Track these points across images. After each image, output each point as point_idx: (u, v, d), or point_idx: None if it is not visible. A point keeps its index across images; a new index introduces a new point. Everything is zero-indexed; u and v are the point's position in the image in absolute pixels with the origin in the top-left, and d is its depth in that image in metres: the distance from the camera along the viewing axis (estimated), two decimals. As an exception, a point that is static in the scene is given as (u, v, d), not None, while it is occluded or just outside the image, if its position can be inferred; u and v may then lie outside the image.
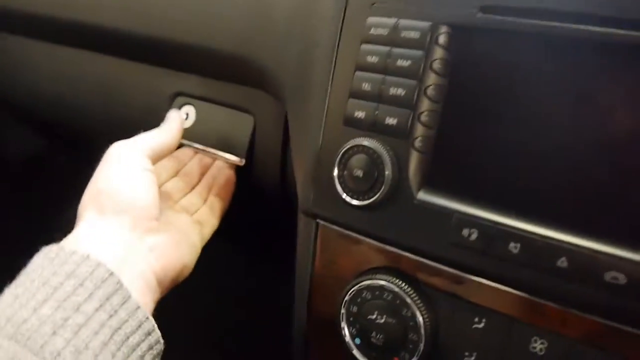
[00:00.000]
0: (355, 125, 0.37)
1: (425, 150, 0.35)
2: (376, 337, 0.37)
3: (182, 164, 0.53)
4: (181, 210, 0.47)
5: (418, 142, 0.35)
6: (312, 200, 0.39)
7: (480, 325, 0.35)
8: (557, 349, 0.32)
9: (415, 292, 0.36)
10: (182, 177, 0.51)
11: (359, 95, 0.37)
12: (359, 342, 0.38)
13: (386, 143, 0.36)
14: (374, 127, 0.36)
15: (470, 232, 0.33)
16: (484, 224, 0.33)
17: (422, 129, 0.35)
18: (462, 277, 0.35)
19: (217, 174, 0.53)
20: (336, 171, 0.37)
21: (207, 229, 0.48)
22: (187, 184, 0.51)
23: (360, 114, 0.37)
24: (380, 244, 0.37)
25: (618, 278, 0.30)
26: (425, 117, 0.35)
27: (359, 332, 0.38)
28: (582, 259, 0.30)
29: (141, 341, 0.35)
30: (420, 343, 0.35)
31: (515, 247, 0.32)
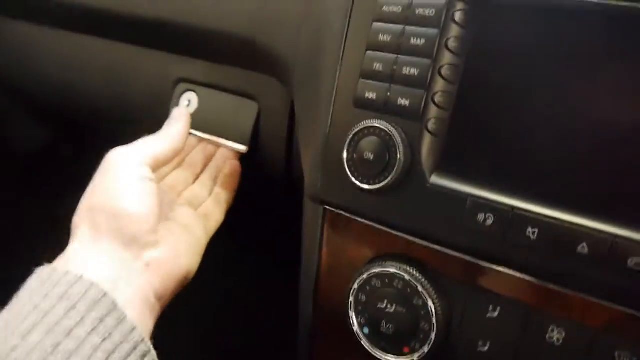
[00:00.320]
0: (366, 106, 0.36)
1: (439, 132, 0.34)
2: (386, 327, 0.35)
3: (185, 153, 0.51)
4: (185, 204, 0.46)
5: (431, 124, 0.34)
6: (320, 186, 0.38)
7: (494, 314, 0.33)
8: (575, 339, 0.31)
9: (427, 279, 0.34)
10: (186, 167, 0.50)
11: (370, 76, 0.36)
12: (368, 332, 0.37)
13: (398, 125, 0.35)
14: (386, 109, 0.35)
15: (486, 217, 0.32)
16: (500, 208, 0.32)
17: (435, 111, 0.34)
18: (476, 264, 0.33)
19: (222, 164, 0.52)
20: (346, 154, 0.36)
21: (212, 222, 0.46)
22: (191, 175, 0.49)
23: (371, 95, 0.36)
24: (390, 230, 0.36)
25: (641, 264, 0.28)
26: (440, 98, 0.34)
27: (368, 322, 0.36)
28: (603, 244, 0.29)
29: None
30: (432, 332, 0.34)
31: (533, 233, 0.31)
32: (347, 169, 0.36)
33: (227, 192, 0.49)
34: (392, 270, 0.35)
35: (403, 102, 0.35)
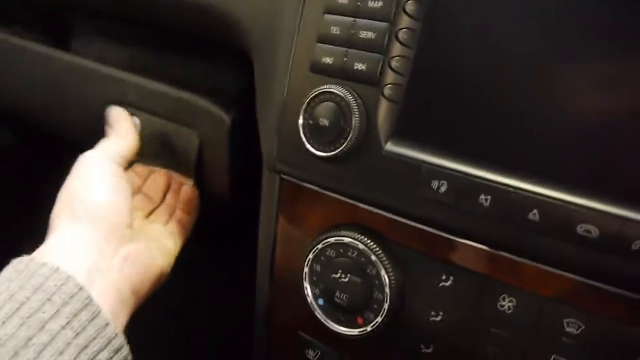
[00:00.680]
0: (323, 71, 0.35)
1: (396, 98, 0.33)
2: (340, 297, 0.35)
3: (143, 179, 0.50)
4: (153, 221, 0.46)
5: (388, 90, 0.33)
6: (276, 153, 0.37)
7: (447, 283, 0.33)
8: (526, 307, 0.31)
9: (380, 249, 0.34)
10: (145, 195, 0.49)
11: (328, 40, 0.35)
12: (322, 303, 0.36)
13: (355, 90, 0.34)
14: (343, 74, 0.34)
15: (440, 184, 0.32)
16: (453, 174, 0.31)
17: (392, 76, 0.33)
18: (430, 233, 0.33)
19: (178, 191, 0.51)
20: (301, 120, 0.35)
21: (179, 238, 0.47)
22: (151, 202, 0.49)
23: (328, 60, 0.35)
24: (345, 198, 0.35)
25: (590, 231, 0.28)
26: (397, 63, 0.33)
27: (323, 292, 0.36)
28: (554, 211, 0.29)
29: (109, 358, 0.33)
30: (385, 302, 0.34)
31: (485, 200, 0.30)
32: (303, 136, 0.35)
33: (188, 214, 0.49)
34: (347, 239, 0.34)
35: (360, 66, 0.34)
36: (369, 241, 0.34)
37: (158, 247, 0.42)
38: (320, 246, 0.35)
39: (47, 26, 0.76)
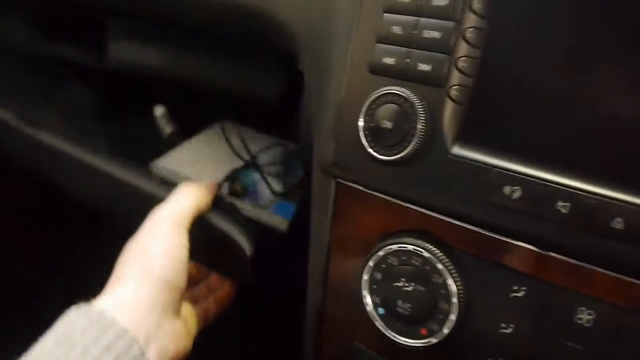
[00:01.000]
0: (383, 72, 0.34)
1: (462, 100, 0.32)
2: (402, 307, 0.33)
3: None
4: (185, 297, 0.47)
5: (454, 91, 0.32)
6: (333, 156, 0.36)
7: (519, 294, 0.31)
8: (605, 320, 0.29)
9: (447, 257, 0.32)
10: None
11: (388, 40, 0.33)
12: (383, 312, 0.35)
13: (418, 92, 0.32)
14: (405, 75, 0.33)
15: (513, 190, 0.30)
16: (528, 179, 0.30)
17: (459, 77, 0.32)
18: (500, 241, 0.31)
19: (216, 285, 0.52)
20: (362, 122, 0.34)
21: (199, 325, 0.46)
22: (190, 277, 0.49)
23: (389, 61, 0.33)
24: (408, 204, 0.34)
25: (682, 240, 0.26)
26: (463, 64, 0.32)
27: (383, 302, 0.34)
28: (641, 218, 0.27)
29: None
30: (451, 313, 0.32)
31: (564, 207, 0.29)
32: (363, 139, 0.34)
33: (216, 308, 0.50)
34: (410, 247, 0.33)
35: (424, 67, 0.32)
36: (434, 249, 0.32)
37: (186, 328, 0.42)
38: (381, 253, 0.34)
39: (83, 32, 0.77)
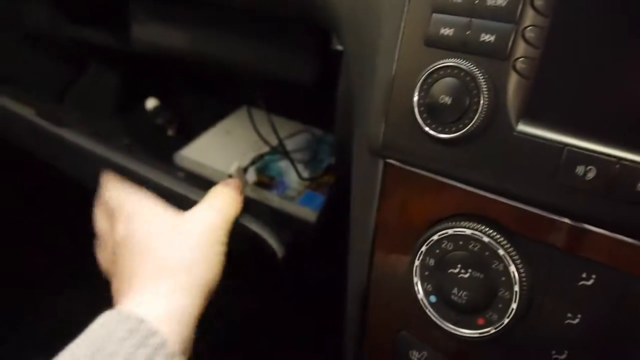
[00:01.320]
0: (441, 45, 0.31)
1: (528, 73, 0.29)
2: (458, 295, 0.31)
3: None
4: None
5: (520, 64, 0.29)
6: (382, 136, 0.34)
7: (588, 282, 0.29)
8: (686, 312, 0.27)
9: (508, 242, 0.30)
10: None
11: (447, 10, 0.31)
12: (435, 300, 0.33)
13: (480, 64, 0.30)
14: (465, 47, 0.30)
15: (587, 170, 0.28)
16: (604, 159, 0.27)
17: (525, 48, 0.29)
18: (569, 226, 0.29)
19: None
20: (416, 97, 0.31)
21: None
22: None
23: (447, 32, 0.31)
24: (465, 185, 0.32)
25: None
26: (530, 34, 0.29)
27: (436, 289, 0.32)
28: None
29: None
30: (512, 302, 0.30)
31: (644, 188, 0.26)
32: (418, 116, 0.31)
33: None
34: (469, 231, 0.31)
35: (487, 38, 0.30)
36: (495, 233, 0.30)
37: None
38: (435, 237, 0.32)
39: (106, 14, 0.75)
